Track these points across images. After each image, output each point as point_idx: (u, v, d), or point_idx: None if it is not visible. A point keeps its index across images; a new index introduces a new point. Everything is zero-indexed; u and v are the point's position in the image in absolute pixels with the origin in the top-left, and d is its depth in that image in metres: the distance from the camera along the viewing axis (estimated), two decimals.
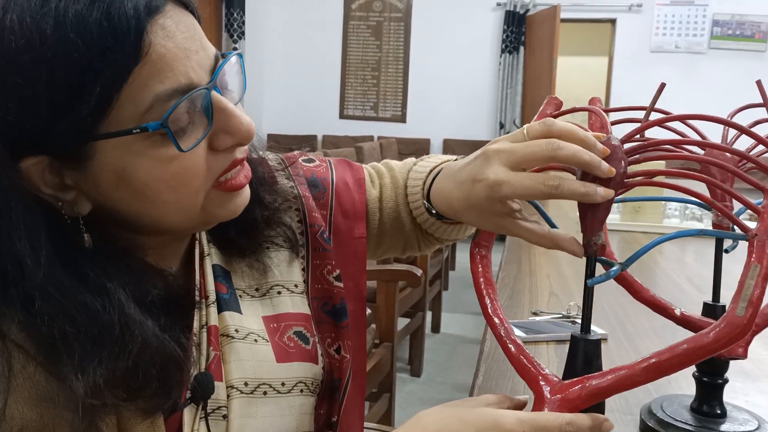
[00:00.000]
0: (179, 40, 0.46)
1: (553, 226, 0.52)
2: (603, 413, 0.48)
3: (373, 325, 1.83)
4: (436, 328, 3.18)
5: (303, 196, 0.67)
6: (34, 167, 0.45)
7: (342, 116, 6.24)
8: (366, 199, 0.71)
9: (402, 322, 2.39)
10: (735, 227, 0.50)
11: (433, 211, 0.64)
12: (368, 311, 1.63)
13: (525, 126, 0.51)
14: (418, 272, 1.78)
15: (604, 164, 0.46)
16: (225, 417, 0.53)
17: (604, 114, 0.52)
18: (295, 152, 0.73)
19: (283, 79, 6.19)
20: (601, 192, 0.46)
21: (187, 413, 0.51)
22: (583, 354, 0.47)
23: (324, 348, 0.64)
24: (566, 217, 1.95)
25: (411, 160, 0.75)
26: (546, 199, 0.50)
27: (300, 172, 0.69)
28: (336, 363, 0.64)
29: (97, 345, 0.44)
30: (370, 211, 0.71)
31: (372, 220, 0.71)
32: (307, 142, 0.74)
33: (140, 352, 0.45)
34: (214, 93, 0.48)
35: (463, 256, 4.72)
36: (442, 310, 3.26)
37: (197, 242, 0.58)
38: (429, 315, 2.98)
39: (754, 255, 0.42)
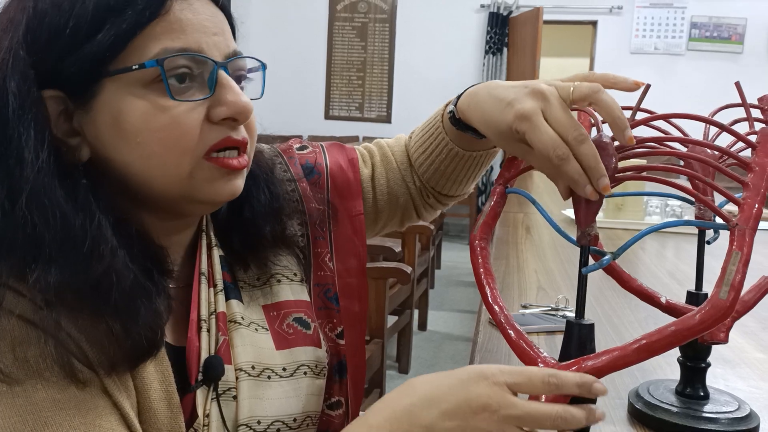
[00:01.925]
0: (200, 18, 0.51)
1: (549, 220, 0.55)
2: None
3: None
4: (422, 325, 3.21)
5: (301, 187, 0.69)
6: (51, 102, 0.50)
7: (327, 117, 6.26)
8: (360, 179, 0.74)
9: (390, 320, 2.41)
10: (717, 218, 0.53)
11: (457, 117, 0.65)
12: None
13: (575, 83, 0.52)
14: (408, 269, 1.82)
15: (629, 131, 0.49)
16: (235, 398, 0.56)
17: (594, 113, 0.55)
18: (289, 141, 0.76)
19: (268, 79, 6.18)
20: (589, 189, 0.49)
21: (200, 394, 0.54)
22: (578, 338, 0.50)
23: (325, 333, 0.67)
24: (551, 214, 1.99)
25: (403, 135, 0.79)
26: (546, 168, 0.52)
27: (296, 161, 0.72)
28: (336, 347, 0.67)
29: (62, 252, 0.46)
30: (364, 189, 0.75)
31: (367, 198, 0.75)
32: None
33: (105, 272, 0.47)
34: (221, 71, 0.52)
35: (447, 254, 4.76)
36: (429, 308, 3.29)
37: (203, 233, 0.61)
38: (416, 313, 3.01)
39: (735, 243, 0.46)
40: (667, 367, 0.79)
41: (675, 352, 0.67)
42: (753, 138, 0.52)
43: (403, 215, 0.79)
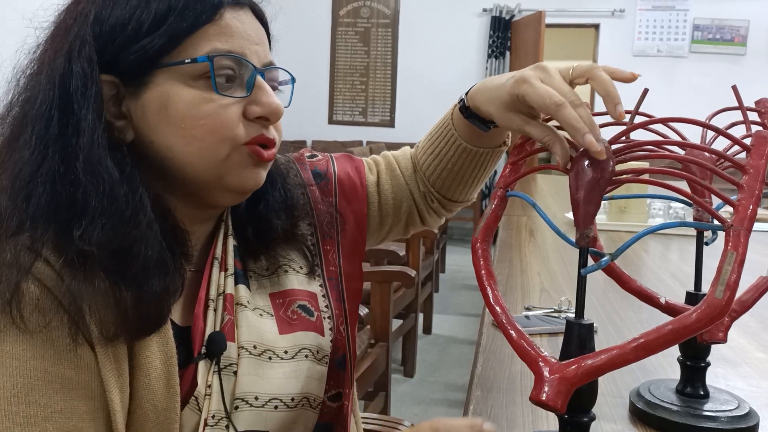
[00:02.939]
0: (246, 27, 0.58)
1: (548, 221, 0.56)
2: (596, 391, 0.53)
3: (368, 327, 1.86)
4: (427, 329, 3.22)
5: (311, 192, 0.74)
6: (106, 86, 0.55)
7: (331, 121, 6.28)
8: (366, 184, 0.79)
9: (395, 324, 2.42)
10: (714, 220, 0.54)
11: (467, 105, 0.70)
12: (365, 311, 1.67)
13: (575, 64, 0.58)
14: (412, 273, 1.83)
15: (621, 106, 0.52)
16: (235, 373, 0.59)
17: (592, 118, 0.57)
18: (301, 150, 0.81)
19: None
20: (588, 138, 0.51)
21: (202, 366, 0.58)
22: (578, 337, 0.52)
23: (336, 324, 0.69)
24: (554, 217, 2.00)
25: (408, 147, 0.84)
26: (545, 113, 0.55)
27: (307, 168, 0.76)
28: (342, 341, 0.70)
29: (106, 215, 0.52)
30: (370, 194, 0.79)
31: (372, 203, 0.79)
32: (296, 147, 0.82)
33: (139, 239, 0.53)
34: (259, 76, 0.58)
35: (452, 258, 4.77)
36: (434, 312, 3.30)
37: (222, 223, 0.65)
38: (421, 316, 3.02)
39: (730, 244, 0.47)
40: (668, 366, 0.80)
41: (675, 352, 0.68)
42: (748, 141, 0.53)
43: (408, 221, 0.82)
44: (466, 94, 0.70)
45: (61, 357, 0.51)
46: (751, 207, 0.47)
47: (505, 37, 5.83)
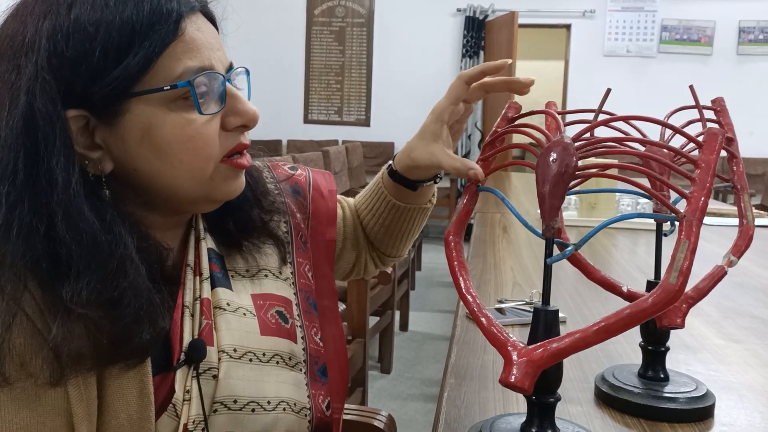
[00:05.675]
0: (206, 36, 0.57)
1: (515, 212, 0.59)
2: (561, 373, 0.56)
3: (345, 323, 1.89)
4: (404, 326, 3.25)
5: (287, 202, 0.75)
6: (73, 121, 0.53)
7: (306, 121, 6.27)
8: (336, 211, 0.81)
9: (372, 321, 2.45)
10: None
11: (395, 169, 0.78)
12: (342, 307, 1.69)
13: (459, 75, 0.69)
14: (389, 270, 1.85)
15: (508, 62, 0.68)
16: (215, 377, 0.59)
17: (558, 116, 0.60)
18: (278, 161, 0.82)
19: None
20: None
21: (180, 373, 0.58)
22: (544, 322, 0.55)
23: (310, 335, 0.71)
24: (526, 213, 2.05)
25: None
26: (460, 101, 0.71)
27: (283, 178, 0.77)
28: (318, 351, 0.71)
29: (92, 269, 0.50)
30: (338, 225, 0.82)
31: (338, 232, 0.82)
32: (272, 147, 0.85)
33: (127, 288, 0.52)
34: (228, 83, 0.58)
35: (428, 256, 4.81)
36: (410, 309, 3.34)
37: (193, 229, 0.65)
38: (397, 314, 3.05)
39: (683, 233, 0.50)
40: (631, 353, 0.84)
41: (638, 338, 0.71)
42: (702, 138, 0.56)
43: (357, 259, 0.86)
44: (393, 159, 0.78)
45: (37, 384, 0.50)
46: (702, 199, 0.51)
47: (479, 37, 5.89)
